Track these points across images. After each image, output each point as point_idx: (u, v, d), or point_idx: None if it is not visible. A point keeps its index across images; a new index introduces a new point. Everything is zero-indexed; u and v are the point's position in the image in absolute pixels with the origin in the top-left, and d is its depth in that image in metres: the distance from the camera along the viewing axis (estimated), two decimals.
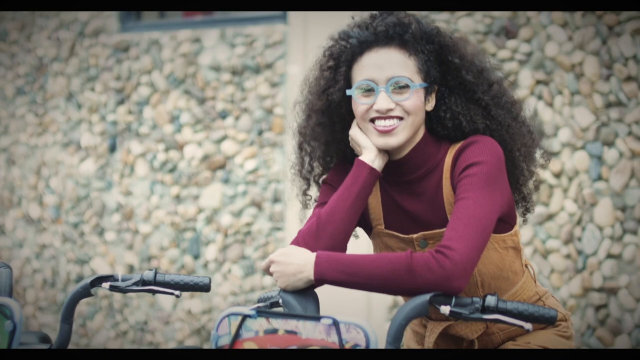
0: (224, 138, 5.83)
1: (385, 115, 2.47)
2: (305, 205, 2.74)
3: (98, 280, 2.55)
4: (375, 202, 2.61)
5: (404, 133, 2.49)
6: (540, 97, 4.87)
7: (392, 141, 2.48)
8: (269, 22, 5.76)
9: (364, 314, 5.32)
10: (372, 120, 2.49)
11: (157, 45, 6.05)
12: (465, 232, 2.30)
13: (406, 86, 2.47)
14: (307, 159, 2.68)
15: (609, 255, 4.69)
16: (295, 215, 5.62)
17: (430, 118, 2.57)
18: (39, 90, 6.52)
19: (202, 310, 5.87)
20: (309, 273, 2.34)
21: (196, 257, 5.90)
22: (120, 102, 6.19)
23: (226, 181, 5.83)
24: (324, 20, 5.56)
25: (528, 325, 2.17)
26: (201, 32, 5.92)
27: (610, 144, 4.69)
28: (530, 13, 4.90)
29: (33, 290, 6.52)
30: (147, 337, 6.06)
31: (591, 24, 4.73)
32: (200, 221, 5.89)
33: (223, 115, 5.84)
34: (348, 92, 2.52)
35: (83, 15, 6.32)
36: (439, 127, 2.57)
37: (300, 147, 2.68)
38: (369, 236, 2.68)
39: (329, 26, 5.95)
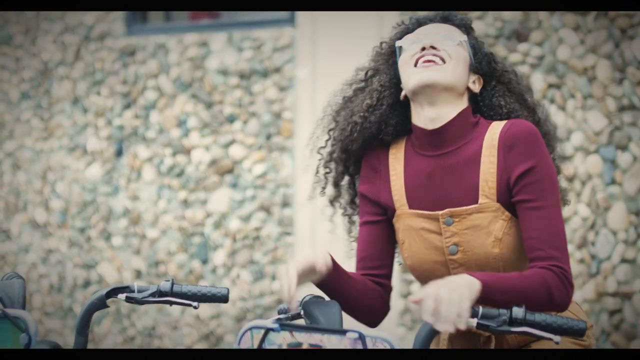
0: (231, 142, 5.80)
1: (429, 52, 2.51)
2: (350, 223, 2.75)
3: (114, 292, 2.49)
4: (399, 184, 2.57)
5: (446, 74, 2.50)
6: (552, 101, 4.83)
7: (434, 75, 2.49)
8: (276, 26, 5.73)
9: None
10: (415, 64, 2.52)
11: (163, 49, 6.02)
12: (566, 251, 2.40)
13: (453, 39, 2.55)
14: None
15: (623, 260, 4.65)
16: (305, 220, 5.63)
17: (477, 102, 2.60)
18: (44, 95, 6.48)
19: (210, 315, 5.83)
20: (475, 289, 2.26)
21: (204, 262, 5.87)
22: (127, 106, 6.15)
23: (234, 186, 5.80)
24: (332, 24, 5.53)
25: (557, 338, 2.13)
26: (208, 36, 5.89)
27: (623, 147, 4.65)
28: (541, 16, 4.86)
29: (39, 296, 6.49)
30: (155, 343, 6.02)
31: (603, 27, 4.69)
32: (208, 226, 5.86)
33: (231, 119, 5.80)
34: (398, 43, 2.58)
35: (88, 18, 6.29)
36: (491, 112, 2.60)
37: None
38: (392, 220, 2.64)
39: (338, 29, 5.92)
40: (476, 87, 2.59)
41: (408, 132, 2.61)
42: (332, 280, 2.43)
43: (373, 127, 2.60)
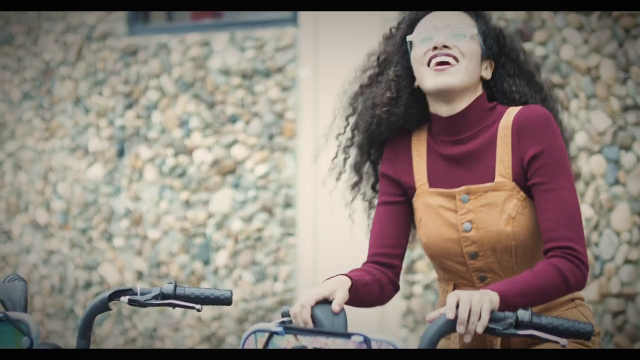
0: (234, 142, 5.78)
1: (442, 51, 2.53)
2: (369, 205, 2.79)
3: (116, 294, 2.48)
4: (421, 163, 2.63)
5: (459, 75, 2.53)
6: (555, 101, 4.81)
7: (449, 80, 2.52)
8: (279, 25, 5.72)
9: (377, 320, 5.27)
10: (428, 64, 2.54)
11: (165, 49, 6.00)
12: (580, 231, 2.43)
13: (464, 35, 2.56)
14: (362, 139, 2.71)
15: (627, 261, 4.63)
16: (307, 221, 5.61)
17: (490, 88, 2.63)
18: (46, 95, 6.47)
19: (212, 317, 5.81)
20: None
21: (206, 263, 5.85)
22: (129, 106, 6.14)
23: (236, 186, 5.78)
24: (335, 23, 5.51)
25: (564, 341, 2.11)
26: (210, 36, 5.88)
27: (627, 148, 4.63)
28: (545, 16, 4.84)
29: (40, 297, 6.47)
30: (156, 344, 6.01)
31: (607, 27, 4.67)
32: (210, 227, 5.84)
33: (233, 119, 5.79)
34: (409, 37, 2.60)
35: (90, 18, 6.28)
36: (505, 100, 2.63)
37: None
38: (412, 200, 2.68)
39: (341, 29, 5.90)
40: (488, 74, 2.63)
41: (429, 117, 2.65)
42: (350, 301, 2.46)
43: (399, 120, 2.63)
